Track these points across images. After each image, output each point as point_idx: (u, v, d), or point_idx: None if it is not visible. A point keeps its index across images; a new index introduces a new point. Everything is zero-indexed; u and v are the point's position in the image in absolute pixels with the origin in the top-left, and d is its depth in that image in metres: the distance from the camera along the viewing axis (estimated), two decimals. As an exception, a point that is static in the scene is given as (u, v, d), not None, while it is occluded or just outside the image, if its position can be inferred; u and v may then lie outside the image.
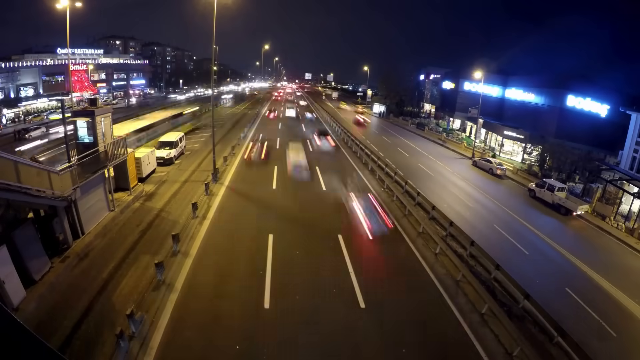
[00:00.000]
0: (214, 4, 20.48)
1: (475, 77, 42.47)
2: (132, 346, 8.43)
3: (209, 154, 24.16)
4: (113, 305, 10.05)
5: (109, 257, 12.43)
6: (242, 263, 12.37)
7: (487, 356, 9.12)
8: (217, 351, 8.57)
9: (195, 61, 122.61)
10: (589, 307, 12.40)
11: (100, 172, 14.95)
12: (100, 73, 66.24)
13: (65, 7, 23.39)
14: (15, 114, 44.46)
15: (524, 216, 20.87)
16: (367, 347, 9.08)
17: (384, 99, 74.91)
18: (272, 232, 14.52)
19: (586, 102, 34.69)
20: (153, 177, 21.61)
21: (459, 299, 11.31)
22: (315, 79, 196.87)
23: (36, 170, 11.24)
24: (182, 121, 37.51)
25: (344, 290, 11.23)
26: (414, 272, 12.77)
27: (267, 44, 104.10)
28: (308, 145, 32.61)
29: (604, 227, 20.87)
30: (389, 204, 19.22)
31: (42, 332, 8.69)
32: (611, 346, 10.86)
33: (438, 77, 64.03)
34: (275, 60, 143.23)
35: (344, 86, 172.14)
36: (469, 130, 49.33)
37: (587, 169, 28.23)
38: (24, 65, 49.18)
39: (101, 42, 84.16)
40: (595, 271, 15.14)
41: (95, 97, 18.75)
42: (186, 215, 15.91)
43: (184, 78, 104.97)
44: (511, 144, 38.98)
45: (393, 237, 15.34)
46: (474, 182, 27.00)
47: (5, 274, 9.20)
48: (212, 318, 9.58)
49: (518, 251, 16.31)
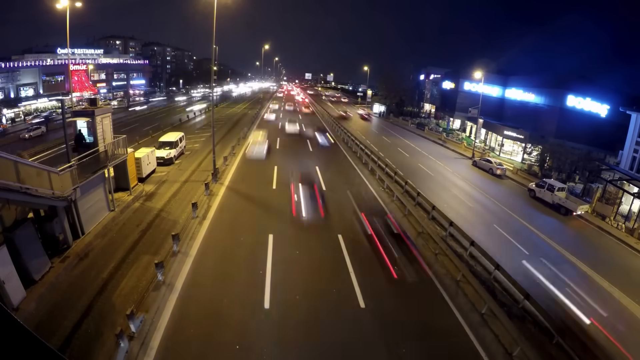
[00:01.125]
0: (214, 4, 20.50)
1: (475, 77, 42.48)
2: (132, 346, 8.43)
3: (209, 154, 24.15)
4: (113, 305, 10.05)
5: (109, 257, 12.43)
6: (242, 263, 12.37)
7: (487, 356, 9.12)
8: (217, 351, 8.57)
9: (195, 61, 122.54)
10: (588, 307, 12.40)
11: (100, 172, 14.96)
12: (100, 73, 66.17)
13: (65, 7, 23.40)
14: (15, 114, 44.45)
15: (524, 216, 20.87)
16: (367, 347, 9.08)
17: (384, 99, 74.91)
18: (272, 232, 14.53)
19: (586, 102, 34.69)
20: (153, 177, 21.60)
21: (459, 299, 11.30)
22: (315, 79, 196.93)
23: (36, 170, 11.24)
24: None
25: (344, 290, 11.23)
26: (413, 272, 12.77)
27: (267, 44, 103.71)
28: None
29: (604, 227, 20.86)
30: (388, 204, 19.22)
31: (42, 332, 8.69)
32: (611, 346, 10.85)
33: (438, 77, 64.04)
34: (275, 60, 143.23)
35: (344, 86, 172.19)
36: (469, 130, 49.33)
37: (587, 169, 28.24)
38: (24, 65, 49.12)
39: (101, 42, 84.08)
40: (595, 271, 15.14)
41: (95, 97, 18.74)
42: (186, 215, 15.92)
43: (184, 78, 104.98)
44: (511, 144, 38.96)
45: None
46: (474, 182, 26.99)
47: (5, 274, 9.20)
48: (212, 318, 9.59)
49: (518, 251, 16.31)
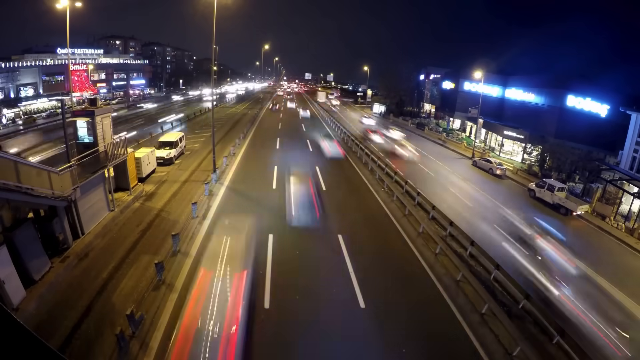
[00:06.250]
0: (214, 4, 20.49)
1: (475, 77, 42.47)
2: (132, 346, 8.43)
3: (209, 154, 24.15)
4: (113, 305, 10.05)
5: (109, 257, 12.43)
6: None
7: (487, 356, 9.12)
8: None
9: (195, 61, 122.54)
10: (588, 307, 12.39)
11: (100, 172, 14.96)
12: (100, 73, 66.26)
13: (65, 7, 23.40)
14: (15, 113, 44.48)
15: (524, 216, 20.84)
16: (367, 347, 9.08)
17: (384, 99, 74.89)
18: (272, 231, 14.53)
19: (586, 102, 34.66)
20: (153, 177, 21.60)
21: (459, 299, 11.30)
22: (315, 79, 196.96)
23: (36, 170, 11.25)
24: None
25: (344, 290, 11.22)
26: (414, 272, 12.77)
27: (267, 44, 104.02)
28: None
29: (604, 227, 20.86)
30: (388, 204, 19.21)
31: (42, 332, 8.69)
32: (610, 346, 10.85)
33: (438, 77, 63.99)
34: (275, 60, 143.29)
35: (344, 86, 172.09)
36: (469, 130, 49.31)
37: (587, 169, 28.22)
38: (24, 65, 49.17)
39: (101, 42, 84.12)
40: (595, 271, 15.12)
41: (95, 97, 18.74)
42: (186, 215, 15.91)
43: (184, 78, 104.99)
44: (511, 143, 38.96)
45: (393, 236, 15.35)
46: (474, 182, 26.97)
47: (5, 274, 9.21)
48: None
49: (518, 251, 16.29)
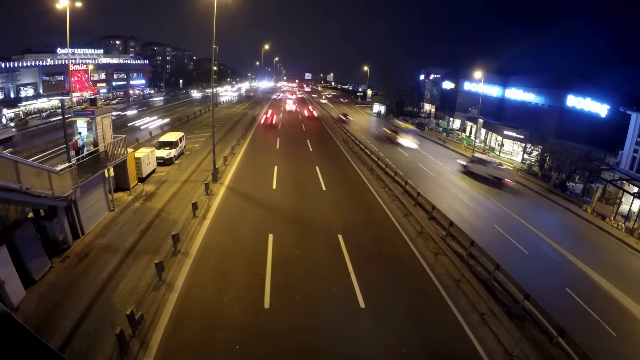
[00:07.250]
0: (214, 4, 20.48)
1: (475, 77, 42.46)
2: (132, 346, 8.43)
3: (209, 154, 24.15)
4: (113, 305, 10.04)
5: (109, 257, 12.42)
6: (242, 263, 12.37)
7: (487, 356, 9.11)
8: (217, 351, 8.56)
9: (195, 61, 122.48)
10: (588, 307, 12.41)
11: (100, 172, 14.96)
12: (100, 73, 66.23)
13: (65, 7, 23.38)
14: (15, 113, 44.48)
15: (524, 216, 20.86)
16: (367, 347, 9.07)
17: (384, 99, 74.88)
18: (272, 231, 14.53)
19: (586, 102, 34.69)
20: (153, 177, 21.60)
21: (459, 299, 11.29)
22: (315, 78, 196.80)
23: (36, 170, 11.24)
24: None
25: (344, 290, 11.22)
26: (413, 271, 12.77)
27: (267, 44, 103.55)
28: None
29: (604, 227, 20.87)
30: (388, 204, 19.22)
31: (42, 332, 8.69)
32: (611, 346, 10.86)
33: (438, 77, 64.04)
34: (275, 60, 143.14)
35: (344, 86, 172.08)
36: (469, 130, 49.33)
37: (587, 169, 28.24)
38: (24, 65, 49.15)
39: (101, 42, 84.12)
40: (595, 271, 15.14)
41: (95, 97, 18.75)
42: (186, 215, 15.92)
43: (184, 78, 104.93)
44: (511, 143, 38.98)
45: (393, 236, 15.35)
46: (474, 182, 26.98)
47: (5, 274, 9.20)
48: (212, 318, 9.58)
49: (518, 250, 16.31)
